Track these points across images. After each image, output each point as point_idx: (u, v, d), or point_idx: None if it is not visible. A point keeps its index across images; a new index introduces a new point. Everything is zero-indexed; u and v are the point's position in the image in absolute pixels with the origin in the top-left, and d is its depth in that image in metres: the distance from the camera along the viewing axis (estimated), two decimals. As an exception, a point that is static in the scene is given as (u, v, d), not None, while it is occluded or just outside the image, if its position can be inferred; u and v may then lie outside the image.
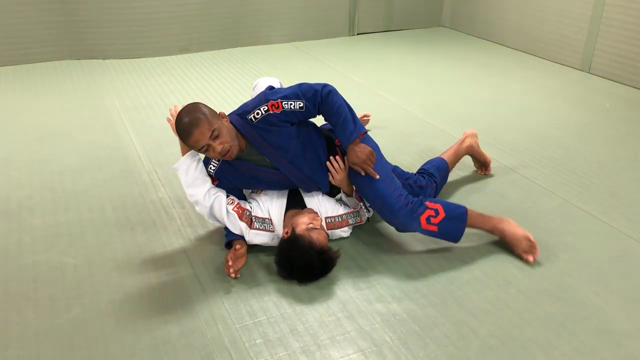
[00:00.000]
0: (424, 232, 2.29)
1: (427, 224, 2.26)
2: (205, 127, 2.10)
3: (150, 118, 3.80)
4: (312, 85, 2.24)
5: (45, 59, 5.05)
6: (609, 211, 2.67)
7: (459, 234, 2.32)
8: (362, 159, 2.25)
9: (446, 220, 2.28)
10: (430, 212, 2.26)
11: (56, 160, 3.19)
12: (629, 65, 4.41)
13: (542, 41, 5.16)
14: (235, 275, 2.19)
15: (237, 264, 2.21)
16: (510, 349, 1.87)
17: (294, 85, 2.28)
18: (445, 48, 5.56)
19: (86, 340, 1.91)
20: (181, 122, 2.13)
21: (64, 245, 2.43)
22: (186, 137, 2.13)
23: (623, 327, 1.97)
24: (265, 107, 2.20)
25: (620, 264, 2.31)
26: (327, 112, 2.25)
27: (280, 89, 2.30)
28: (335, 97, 2.24)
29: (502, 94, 4.29)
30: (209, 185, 2.29)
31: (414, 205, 2.27)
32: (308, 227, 2.18)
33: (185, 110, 2.17)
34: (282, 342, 1.90)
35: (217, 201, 2.26)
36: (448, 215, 2.28)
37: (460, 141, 2.92)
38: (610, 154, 3.26)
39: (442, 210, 2.28)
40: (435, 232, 2.28)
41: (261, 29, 5.65)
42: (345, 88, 4.37)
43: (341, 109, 2.24)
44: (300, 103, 2.21)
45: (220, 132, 2.13)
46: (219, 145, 2.13)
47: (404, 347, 1.88)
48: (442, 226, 2.28)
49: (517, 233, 2.31)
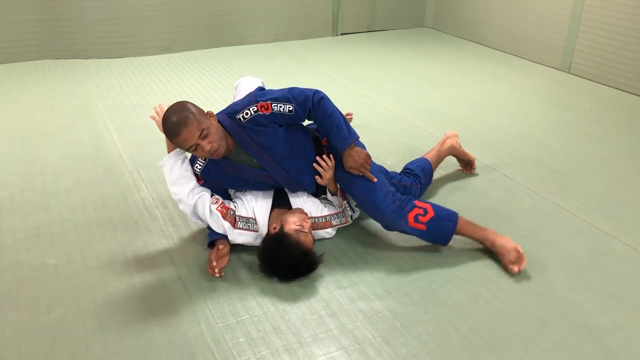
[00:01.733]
0: (411, 230, 2.28)
1: (414, 222, 2.26)
2: (194, 126, 2.09)
3: (133, 118, 3.78)
4: (303, 91, 2.23)
5: (26, 59, 4.99)
6: (587, 209, 2.72)
7: (448, 234, 2.30)
8: (360, 162, 2.27)
9: (435, 220, 2.27)
10: (419, 211, 2.26)
11: (38, 161, 3.17)
12: (607, 66, 4.48)
13: (523, 41, 5.22)
14: (219, 274, 2.19)
15: (220, 263, 2.21)
16: (490, 345, 1.90)
17: (285, 88, 2.27)
18: (428, 48, 5.60)
19: (68, 341, 1.90)
20: (169, 121, 2.11)
21: (45, 246, 2.42)
22: (174, 136, 2.12)
23: (601, 322, 2.00)
24: (255, 107, 2.20)
25: (598, 261, 2.35)
26: (319, 118, 2.25)
27: (271, 91, 2.29)
28: (327, 103, 2.24)
29: (483, 93, 4.33)
30: (193, 183, 2.28)
31: (401, 202, 2.27)
32: (297, 228, 2.18)
33: (173, 109, 2.15)
34: (264, 341, 1.91)
35: (200, 200, 2.26)
36: (437, 214, 2.27)
37: (442, 142, 2.94)
38: (589, 153, 3.32)
39: (431, 209, 2.28)
40: (423, 231, 2.27)
41: (245, 28, 5.65)
42: (329, 88, 4.38)
43: (334, 115, 2.24)
44: (289, 106, 2.20)
45: (209, 132, 2.12)
46: (208, 145, 2.12)
47: (386, 344, 1.90)
48: (431, 225, 2.26)
49: (508, 244, 2.26)
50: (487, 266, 2.29)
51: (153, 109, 2.43)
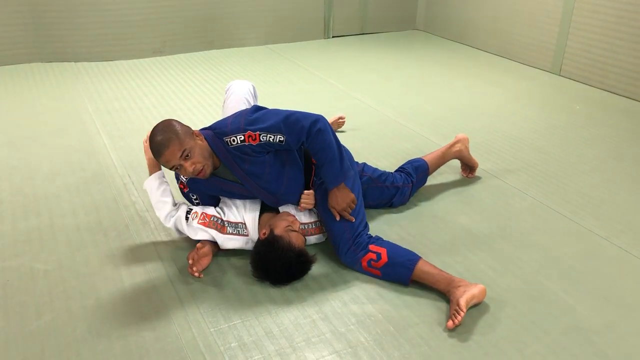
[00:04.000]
0: (367, 274, 2.22)
1: (368, 266, 2.20)
2: (175, 147, 2.07)
3: (124, 121, 3.76)
4: (300, 120, 2.14)
5: (15, 62, 4.95)
6: (578, 211, 2.73)
7: (403, 280, 2.16)
8: (342, 206, 2.24)
9: (389, 266, 2.17)
10: (372, 256, 2.19)
11: (27, 165, 3.14)
12: (598, 68, 4.51)
13: (514, 44, 5.24)
14: (199, 275, 2.19)
15: (200, 264, 2.21)
16: (483, 347, 1.90)
17: (282, 113, 2.18)
18: (419, 51, 5.61)
19: (58, 347, 1.88)
20: (153, 141, 2.11)
21: (34, 251, 2.39)
22: (157, 156, 2.12)
23: (593, 324, 2.01)
24: (242, 136, 2.15)
25: (590, 262, 2.36)
26: (313, 150, 2.19)
27: (265, 116, 2.19)
28: (324, 136, 2.15)
29: (475, 96, 4.34)
30: (168, 207, 2.30)
31: (357, 247, 2.22)
32: (287, 228, 2.18)
33: (158, 128, 2.13)
34: (257, 345, 1.90)
35: (177, 222, 2.30)
36: (391, 260, 2.17)
37: (451, 144, 2.91)
38: (580, 155, 3.33)
39: (385, 255, 2.18)
40: (379, 276, 2.20)
41: (236, 31, 5.64)
42: (321, 91, 4.39)
43: (329, 149, 2.17)
44: (280, 137, 2.14)
45: (192, 152, 2.10)
46: (191, 166, 2.10)
47: (379, 347, 1.89)
48: (385, 271, 2.18)
49: (455, 298, 2.01)
50: (478, 268, 2.29)
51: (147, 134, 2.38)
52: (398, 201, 2.70)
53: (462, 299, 1.98)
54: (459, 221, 2.64)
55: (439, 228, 2.58)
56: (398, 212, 2.70)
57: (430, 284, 2.13)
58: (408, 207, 2.74)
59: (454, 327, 1.94)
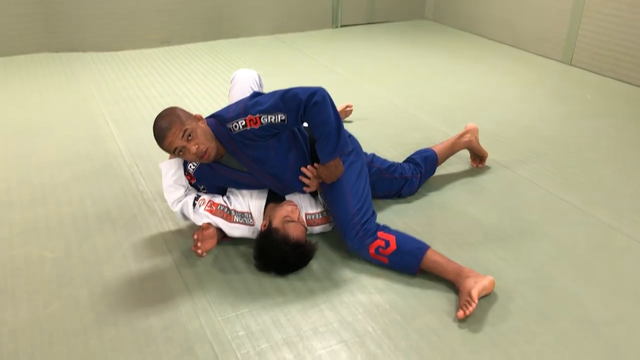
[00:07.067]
0: (374, 261, 2.19)
1: (375, 254, 2.16)
2: (177, 127, 2.07)
3: (131, 111, 3.76)
4: (297, 94, 2.08)
5: (24, 52, 4.97)
6: (590, 201, 2.70)
7: (411, 269, 2.14)
8: (332, 180, 2.22)
9: (397, 254, 2.14)
10: (380, 243, 2.15)
11: (35, 155, 3.14)
12: (609, 57, 4.45)
13: (524, 34, 5.18)
14: (203, 254, 2.22)
15: (205, 245, 2.22)
16: (492, 338, 1.88)
17: (280, 91, 2.13)
18: (428, 40, 5.56)
19: (65, 335, 1.88)
20: (156, 126, 2.11)
21: (43, 239, 2.40)
22: (161, 141, 2.11)
23: (603, 316, 1.99)
24: (243, 121, 2.13)
25: (601, 254, 2.33)
26: (310, 125, 2.15)
27: (263, 98, 2.16)
28: (320, 108, 2.08)
29: (484, 86, 4.30)
30: (179, 193, 2.30)
31: (365, 233, 2.17)
32: (285, 219, 2.16)
33: (160, 115, 2.14)
34: (264, 334, 1.89)
35: (184, 207, 2.30)
36: (400, 248, 2.14)
37: (460, 135, 2.88)
38: (592, 146, 3.29)
39: (393, 242, 2.14)
40: (386, 263, 2.17)
41: (244, 21, 5.61)
42: (329, 80, 4.37)
43: (325, 123, 2.10)
44: (281, 116, 2.10)
45: (194, 133, 2.09)
46: (194, 146, 2.08)
47: (387, 337, 1.88)
48: (392, 259, 2.15)
49: (466, 287, 1.99)
50: (487, 258, 2.28)
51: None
52: (407, 192, 2.68)
53: (474, 290, 1.96)
54: (468, 211, 2.61)
55: (447, 218, 2.56)
56: (406, 203, 2.68)
57: (439, 273, 2.11)
58: (417, 197, 2.72)
59: (465, 317, 1.93)
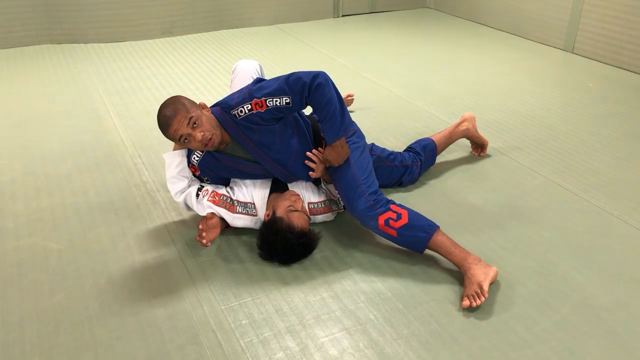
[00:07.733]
0: (381, 233, 2.16)
1: (384, 225, 2.12)
2: (182, 114, 2.08)
3: (134, 102, 3.76)
4: (301, 77, 2.11)
5: (26, 43, 4.97)
6: (590, 189, 2.70)
7: (419, 245, 2.12)
8: (339, 162, 2.21)
9: (407, 227, 2.11)
10: (391, 215, 2.12)
11: (38, 146, 3.16)
12: (611, 45, 4.43)
13: (526, 22, 5.16)
14: (207, 244, 2.21)
15: (210, 234, 2.23)
16: (492, 325, 1.90)
17: (283, 76, 2.16)
18: (430, 29, 5.55)
19: (71, 324, 1.91)
20: (160, 116, 2.12)
21: (47, 230, 2.42)
22: (166, 129, 2.12)
23: (603, 302, 2.00)
24: (249, 105, 2.14)
25: (601, 241, 2.34)
26: (315, 106, 2.16)
27: (267, 83, 2.18)
28: (324, 90, 2.10)
29: (486, 74, 4.30)
30: (183, 184, 2.32)
31: (375, 202, 2.15)
32: (288, 209, 2.18)
33: (164, 104, 2.15)
34: (267, 323, 1.91)
35: (187, 198, 2.32)
36: (411, 222, 2.11)
37: (457, 124, 2.89)
38: (593, 133, 3.29)
39: (406, 216, 2.12)
40: (394, 236, 2.13)
41: (245, 11, 5.59)
42: (330, 70, 4.34)
43: (330, 104, 2.12)
44: (286, 99, 2.11)
45: (199, 121, 2.10)
46: (199, 134, 2.09)
47: (388, 324, 1.90)
48: (401, 232, 2.11)
49: (475, 277, 1.99)
50: (488, 246, 2.29)
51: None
52: (407, 180, 2.69)
53: (485, 282, 1.96)
54: (469, 200, 2.63)
55: (448, 207, 2.58)
56: (407, 191, 2.69)
57: (445, 254, 2.10)
58: (417, 185, 2.74)
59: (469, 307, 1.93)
